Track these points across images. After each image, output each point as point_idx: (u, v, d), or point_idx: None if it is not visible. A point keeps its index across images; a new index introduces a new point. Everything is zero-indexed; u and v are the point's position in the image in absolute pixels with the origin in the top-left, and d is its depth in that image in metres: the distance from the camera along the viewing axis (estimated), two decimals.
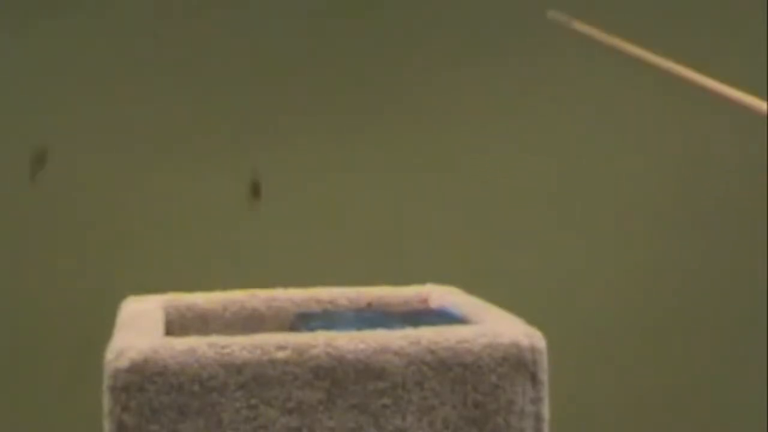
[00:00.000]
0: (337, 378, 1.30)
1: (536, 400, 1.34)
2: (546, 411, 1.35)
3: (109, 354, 1.29)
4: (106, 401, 1.28)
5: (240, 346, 1.30)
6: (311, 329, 1.39)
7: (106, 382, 1.28)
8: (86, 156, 2.18)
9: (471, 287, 1.67)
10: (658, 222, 2.30)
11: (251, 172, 1.44)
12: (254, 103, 2.21)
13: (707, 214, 2.31)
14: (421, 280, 1.63)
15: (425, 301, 1.64)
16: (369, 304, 1.46)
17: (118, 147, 2.19)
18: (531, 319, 1.41)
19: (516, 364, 1.33)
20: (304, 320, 1.47)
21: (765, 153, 2.31)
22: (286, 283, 1.68)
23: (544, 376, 1.35)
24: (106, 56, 2.19)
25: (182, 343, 1.29)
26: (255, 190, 1.45)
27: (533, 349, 1.34)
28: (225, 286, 1.67)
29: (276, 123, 2.22)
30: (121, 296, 1.65)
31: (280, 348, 1.30)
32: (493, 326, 1.37)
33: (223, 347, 1.29)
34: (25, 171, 2.18)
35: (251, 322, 1.62)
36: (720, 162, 2.32)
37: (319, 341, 1.31)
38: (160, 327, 1.46)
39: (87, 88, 2.18)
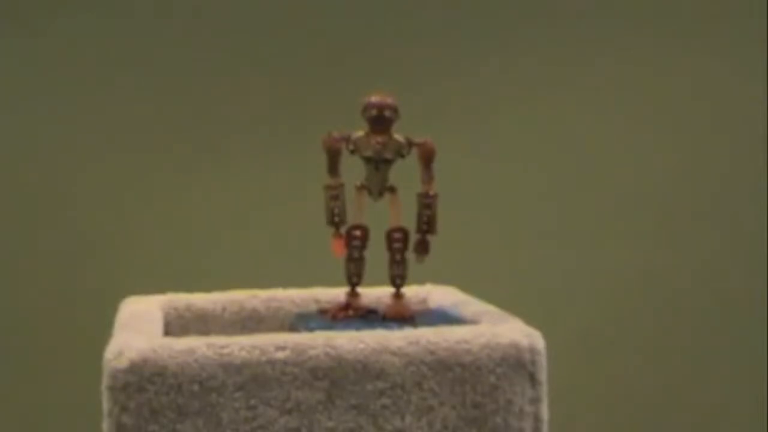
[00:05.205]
0: (336, 378, 1.30)
1: (535, 401, 1.34)
2: (545, 411, 1.35)
3: (108, 354, 1.29)
4: (105, 401, 1.28)
5: (239, 346, 1.30)
6: (310, 329, 1.39)
7: (105, 383, 1.28)
8: (86, 155, 2.18)
9: (470, 287, 1.67)
10: (658, 222, 2.30)
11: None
12: (254, 103, 2.21)
13: (707, 214, 2.31)
14: (420, 280, 1.63)
15: (424, 301, 1.64)
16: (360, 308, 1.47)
17: (118, 146, 2.19)
18: (531, 319, 1.41)
19: (515, 364, 1.33)
20: (303, 320, 1.47)
21: (765, 153, 2.31)
22: (286, 283, 1.68)
23: (543, 377, 1.35)
24: (105, 55, 2.19)
25: (181, 344, 1.30)
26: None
27: (532, 350, 1.34)
28: (224, 286, 1.67)
29: (276, 122, 2.22)
30: (121, 296, 1.65)
31: (280, 348, 1.30)
32: (492, 326, 1.37)
33: (222, 347, 1.30)
34: (24, 170, 2.18)
35: (250, 322, 1.62)
36: (720, 161, 2.31)
37: (318, 341, 1.31)
38: (159, 327, 1.46)
39: (86, 87, 2.18)
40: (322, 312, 1.49)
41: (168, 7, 2.19)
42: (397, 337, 1.33)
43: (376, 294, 1.54)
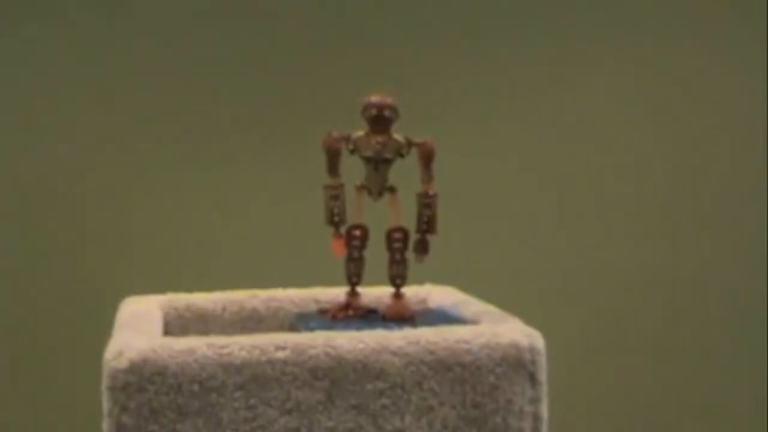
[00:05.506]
0: (336, 378, 1.30)
1: (535, 400, 1.34)
2: (545, 411, 1.35)
3: (108, 354, 1.29)
4: (105, 402, 1.28)
5: (239, 346, 1.30)
6: (310, 329, 1.39)
7: (105, 383, 1.28)
8: (85, 155, 2.18)
9: (470, 287, 1.67)
10: (658, 222, 2.30)
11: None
12: (254, 103, 2.21)
13: (707, 214, 2.31)
14: (420, 280, 1.62)
15: (424, 301, 1.64)
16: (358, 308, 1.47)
17: (118, 146, 2.19)
18: (531, 319, 1.41)
19: (515, 364, 1.33)
20: (303, 320, 1.47)
21: (765, 152, 2.31)
22: (286, 283, 1.68)
23: (543, 376, 1.35)
24: (105, 55, 2.19)
25: (181, 344, 1.30)
26: None
27: (532, 349, 1.34)
28: (224, 286, 1.67)
29: (276, 122, 2.22)
30: (121, 296, 1.65)
31: (279, 348, 1.30)
32: (492, 326, 1.37)
33: (222, 347, 1.30)
34: (25, 170, 2.18)
35: (250, 322, 1.62)
36: (720, 161, 2.31)
37: (318, 341, 1.31)
38: (159, 327, 1.46)
39: (87, 86, 2.18)
40: (322, 312, 1.49)
41: (168, 7, 2.19)
42: (397, 337, 1.33)
43: (376, 294, 1.54)
